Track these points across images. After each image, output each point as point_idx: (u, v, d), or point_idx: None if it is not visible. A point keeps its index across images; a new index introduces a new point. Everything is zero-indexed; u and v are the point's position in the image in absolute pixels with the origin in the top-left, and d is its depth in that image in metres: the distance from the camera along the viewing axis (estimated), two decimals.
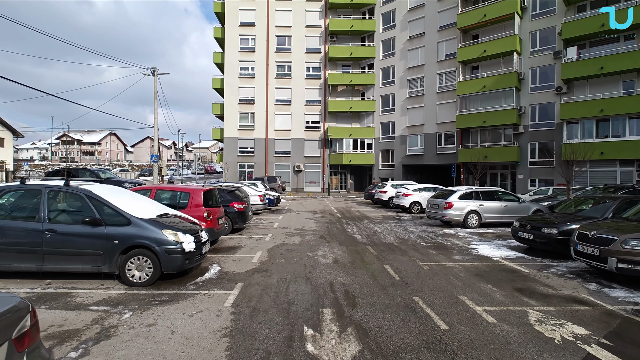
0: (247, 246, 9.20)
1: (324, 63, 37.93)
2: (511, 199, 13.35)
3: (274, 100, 37.77)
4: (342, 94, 37.88)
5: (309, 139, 38.01)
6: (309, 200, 27.33)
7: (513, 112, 26.77)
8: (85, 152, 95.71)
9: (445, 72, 31.83)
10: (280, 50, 37.87)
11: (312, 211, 18.99)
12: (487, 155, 28.07)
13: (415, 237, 11.08)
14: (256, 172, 37.49)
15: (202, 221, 8.14)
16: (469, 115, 29.17)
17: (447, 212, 12.72)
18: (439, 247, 9.43)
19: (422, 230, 12.38)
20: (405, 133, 34.61)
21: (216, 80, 39.44)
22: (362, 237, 10.85)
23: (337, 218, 16.05)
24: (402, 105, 34.86)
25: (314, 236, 10.92)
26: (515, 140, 27.51)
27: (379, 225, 13.80)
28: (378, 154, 36.88)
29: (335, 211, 19.17)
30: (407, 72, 34.36)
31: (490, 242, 10.29)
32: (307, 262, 7.61)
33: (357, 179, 39.98)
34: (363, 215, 17.17)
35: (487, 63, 29.27)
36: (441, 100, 32.05)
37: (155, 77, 26.50)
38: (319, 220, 14.98)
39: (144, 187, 8.43)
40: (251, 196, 15.90)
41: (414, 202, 18.13)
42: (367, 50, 36.96)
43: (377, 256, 8.25)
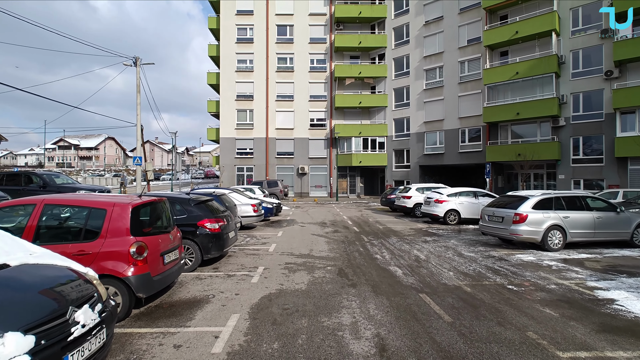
0: (216, 301, 5.32)
1: (330, 54, 34.21)
2: (605, 208, 9.41)
3: (274, 96, 34.08)
4: (350, 87, 34.09)
5: (313, 138, 34.23)
6: (315, 208, 23.47)
7: (552, 102, 22.83)
8: (82, 157, 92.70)
9: (468, 59, 27.97)
10: (282, 40, 34.23)
11: (320, 223, 15.15)
12: (520, 152, 24.13)
13: (486, 269, 7.20)
14: (256, 175, 33.74)
15: (127, 263, 4.33)
16: (499, 107, 25.24)
17: (518, 227, 8.81)
18: (551, 300, 5.52)
19: (484, 256, 8.49)
20: (422, 130, 30.72)
21: (211, 75, 35.82)
22: (404, 272, 6.99)
23: (354, 233, 12.20)
24: (418, 99, 31.00)
25: (329, 271, 7.08)
26: (554, 135, 23.54)
27: (416, 245, 9.92)
28: (391, 154, 32.99)
29: (349, 222, 15.31)
30: (424, 62, 30.53)
31: (616, 280, 6.38)
32: (326, 351, 3.75)
33: (367, 182, 36.09)
34: (387, 229, 13.29)
35: (518, 47, 25.39)
36: (464, 92, 28.17)
37: (138, 67, 23.07)
38: (332, 238, 11.13)
39: (25, 200, 4.66)
40: (241, 206, 12.10)
41: (451, 211, 14.23)
42: (378, 39, 33.19)
43: (457, 328, 4.37)
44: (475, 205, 14.26)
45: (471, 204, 14.29)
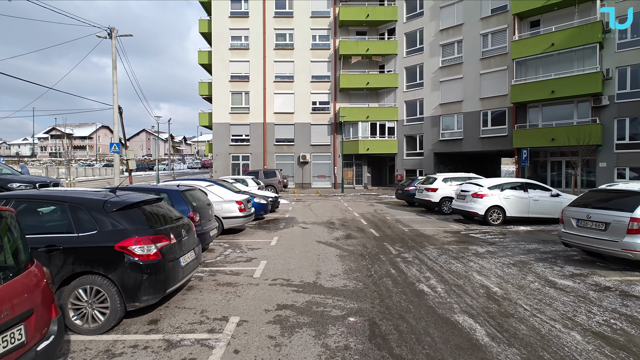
0: None
1: (334, 30, 30.72)
2: None
3: (273, 77, 30.73)
4: (357, 66, 30.66)
5: (316, 123, 30.97)
6: (318, 201, 20.38)
7: (595, 78, 19.53)
8: (76, 147, 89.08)
9: (492, 31, 24.52)
10: (280, 14, 30.71)
11: (327, 223, 12.09)
12: (554, 137, 20.95)
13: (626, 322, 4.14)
14: (252, 164, 30.63)
15: None
16: (529, 85, 21.91)
17: (636, 240, 5.71)
18: None
19: (592, 287, 5.44)
20: (438, 113, 27.43)
21: (202, 54, 32.40)
22: (488, 333, 3.95)
23: (374, 240, 9.14)
24: (433, 78, 27.63)
25: (353, 329, 4.07)
26: (596, 116, 20.29)
27: (470, 262, 6.85)
28: (402, 140, 29.76)
29: (363, 221, 12.25)
30: (440, 36, 27.07)
31: None
32: None
33: (375, 171, 32.95)
34: (415, 232, 10.22)
35: (552, 15, 21.96)
36: (486, 69, 24.81)
37: (113, 39, 19.85)
38: (346, 249, 8.07)
39: None
40: (223, 204, 9.02)
41: (494, 208, 11.13)
42: (387, 12, 29.64)
43: None
44: (524, 200, 11.17)
45: (519, 199, 11.20)
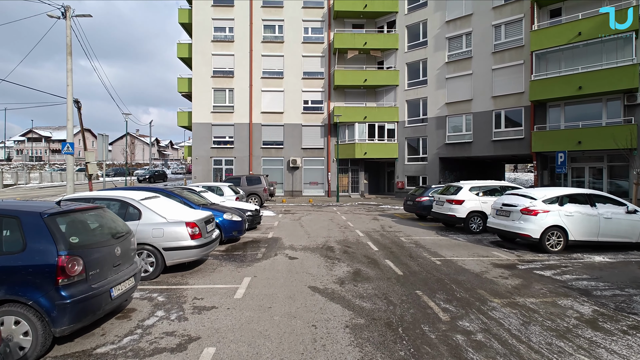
0: None
1: (328, 21, 27.82)
2: None
3: (260, 73, 27.61)
4: (353, 62, 27.75)
5: (308, 124, 27.88)
6: (311, 213, 17.15)
7: (631, 71, 16.85)
8: (54, 151, 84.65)
9: (506, 21, 21.86)
10: (269, 4, 27.72)
11: (323, 248, 8.92)
12: (581, 140, 18.22)
13: None
14: (237, 169, 27.34)
15: None
16: (552, 81, 19.17)
17: None
18: None
19: None
20: (444, 113, 24.59)
21: (182, 47, 29.14)
22: None
23: (397, 282, 6.03)
24: (438, 75, 24.84)
25: None
26: (631, 116, 17.61)
27: (595, 352, 3.76)
28: (403, 144, 26.82)
29: (372, 246, 9.12)
30: (446, 28, 24.35)
31: None
32: None
33: (372, 178, 29.91)
34: (451, 266, 7.14)
35: (574, 3, 19.36)
36: (499, 64, 22.09)
37: (68, 19, 16.55)
38: (359, 310, 4.96)
39: None
40: (161, 227, 5.78)
41: (553, 228, 8.10)
42: (387, 3, 26.86)
43: None
44: (593, 218, 8.19)
45: (586, 217, 8.20)
